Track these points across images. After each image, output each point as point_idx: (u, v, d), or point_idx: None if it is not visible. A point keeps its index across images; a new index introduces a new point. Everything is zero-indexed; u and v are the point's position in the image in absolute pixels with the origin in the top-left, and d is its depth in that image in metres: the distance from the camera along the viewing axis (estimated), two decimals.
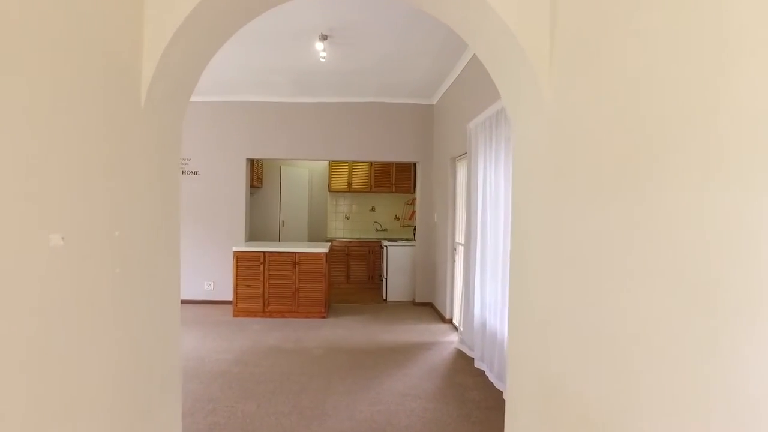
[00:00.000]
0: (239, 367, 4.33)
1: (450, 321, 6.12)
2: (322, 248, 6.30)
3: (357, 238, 8.99)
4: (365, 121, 7.21)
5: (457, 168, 6.05)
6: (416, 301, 7.28)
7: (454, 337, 5.46)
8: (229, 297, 6.78)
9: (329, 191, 9.20)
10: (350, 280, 8.73)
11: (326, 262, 6.27)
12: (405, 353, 4.87)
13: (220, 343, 5.03)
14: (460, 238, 5.94)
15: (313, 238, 9.30)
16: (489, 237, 4.13)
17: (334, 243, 8.59)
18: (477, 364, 4.35)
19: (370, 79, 6.10)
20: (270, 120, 7.14)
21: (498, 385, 3.81)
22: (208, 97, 7.02)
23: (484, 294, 4.27)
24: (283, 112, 7.14)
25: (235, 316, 6.22)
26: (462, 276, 5.66)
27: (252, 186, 7.72)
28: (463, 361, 4.63)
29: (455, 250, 6.05)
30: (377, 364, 4.50)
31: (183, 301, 6.61)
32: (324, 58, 4.84)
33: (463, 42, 4.74)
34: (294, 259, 6.21)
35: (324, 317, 6.25)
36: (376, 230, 9.41)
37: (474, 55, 4.88)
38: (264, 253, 6.20)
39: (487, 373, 4.11)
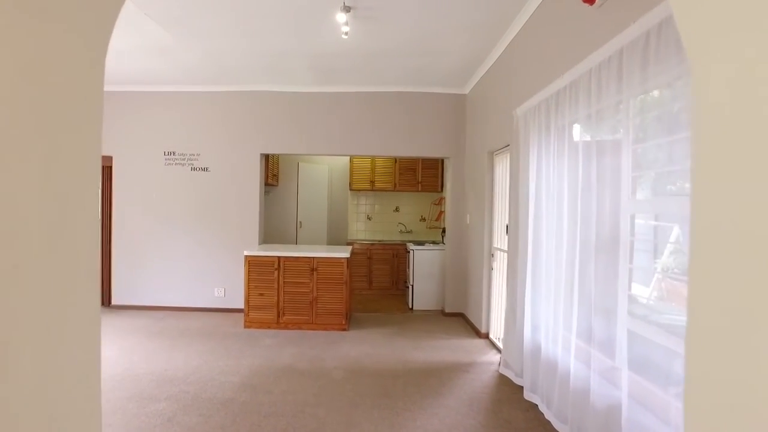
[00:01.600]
0: (246, 394, 3.70)
1: (486, 336, 5.42)
2: (343, 253, 5.66)
3: (380, 241, 8.33)
4: (390, 112, 6.55)
5: (495, 164, 5.35)
6: (446, 311, 6.59)
7: (493, 357, 4.77)
8: (241, 304, 6.20)
9: (350, 190, 8.56)
10: (372, 285, 8.08)
11: (347, 268, 5.62)
12: (439, 376, 4.19)
13: (227, 362, 4.42)
14: (498, 242, 5.25)
15: (332, 241, 8.67)
16: (545, 245, 3.43)
17: (355, 245, 7.95)
18: (527, 396, 3.64)
19: (397, 63, 5.44)
20: (286, 112, 6.52)
21: (559, 427, 3.11)
22: (216, 86, 6.44)
23: (537, 313, 3.57)
24: (300, 103, 6.52)
25: (246, 327, 5.62)
26: (504, 287, 4.97)
27: (267, 184, 7.13)
28: (508, 389, 3.93)
29: (492, 256, 5.35)
30: (408, 392, 3.83)
31: (192, 309, 6.06)
32: (346, 34, 4.18)
33: (509, 14, 4.05)
34: (312, 264, 5.58)
35: (344, 330, 5.61)
36: (400, 232, 8.74)
37: (521, 30, 4.18)
38: (278, 257, 5.58)
39: (542, 408, 3.41)
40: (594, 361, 2.66)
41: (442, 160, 8.32)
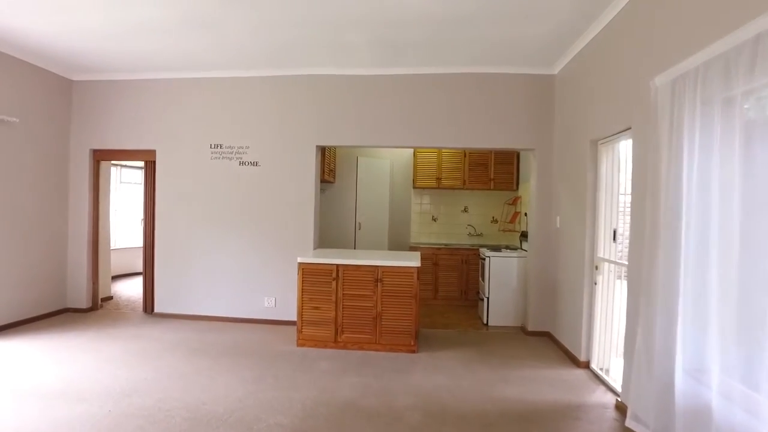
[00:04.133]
0: None
1: (586, 365, 4.43)
2: (413, 261, 4.80)
3: (446, 245, 7.43)
4: (463, 98, 5.64)
5: (600, 155, 4.35)
6: (528, 329, 5.62)
7: (604, 397, 3.78)
8: (293, 316, 5.52)
9: (413, 188, 7.70)
10: (438, 295, 7.20)
11: (418, 279, 4.77)
12: (543, 425, 3.26)
13: (276, 394, 3.65)
14: (603, 251, 4.25)
15: (393, 245, 7.83)
16: (712, 260, 2.44)
17: (419, 250, 7.09)
18: None
19: (475, 34, 4.53)
20: (345, 98, 5.73)
21: None
22: (267, 70, 5.73)
23: (699, 352, 2.58)
24: (360, 87, 5.71)
25: (299, 345, 4.86)
26: (615, 307, 3.98)
27: (323, 180, 6.37)
28: None
29: (596, 268, 4.35)
30: None
31: (239, 320, 5.33)
32: None
33: None
34: (376, 274, 4.75)
35: (413, 351, 4.76)
36: (469, 235, 7.81)
37: None
38: (337, 266, 4.78)
39: None
40: None
41: (518, 154, 7.35)
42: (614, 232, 4.18)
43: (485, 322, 6.07)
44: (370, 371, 4.23)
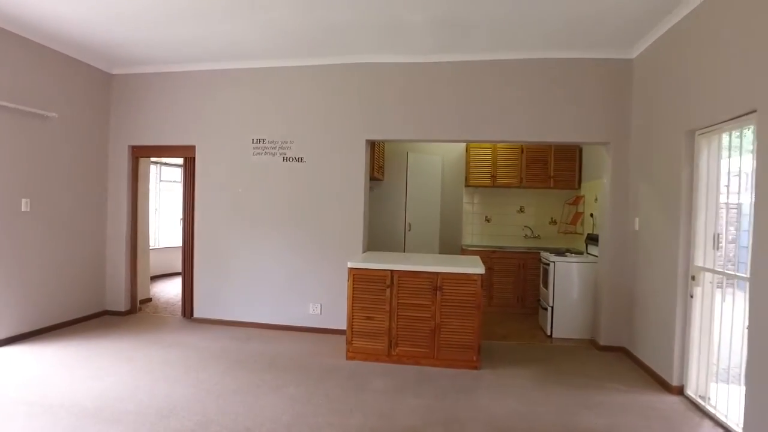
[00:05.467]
0: None
1: (680, 392, 3.83)
2: (476, 267, 4.30)
3: (501, 247, 6.88)
4: (528, 86, 5.11)
5: (699, 148, 3.74)
6: (601, 343, 5.03)
7: None
8: (340, 325, 5.10)
9: (466, 186, 7.18)
10: (493, 302, 6.66)
11: (482, 287, 4.26)
12: None
13: (328, 419, 3.21)
14: (703, 259, 3.65)
15: (444, 247, 7.32)
16: None
17: (471, 252, 6.58)
18: None
19: (551, 11, 3.99)
20: (398, 89, 5.27)
21: None
22: (314, 58, 5.33)
23: None
24: (415, 77, 5.24)
25: (349, 359, 4.43)
26: (718, 326, 3.36)
27: (371, 177, 5.92)
28: None
29: (693, 278, 3.74)
30: None
31: (283, 328, 4.84)
32: None
33: None
34: (435, 281, 4.27)
35: (475, 368, 4.26)
36: (525, 237, 7.24)
37: None
38: (392, 271, 4.33)
39: None
40: None
41: (580, 149, 6.74)
42: (716, 237, 3.58)
43: (549, 333, 5.51)
44: (430, 391, 3.75)
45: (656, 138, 4.35)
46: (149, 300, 6.73)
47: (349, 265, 4.41)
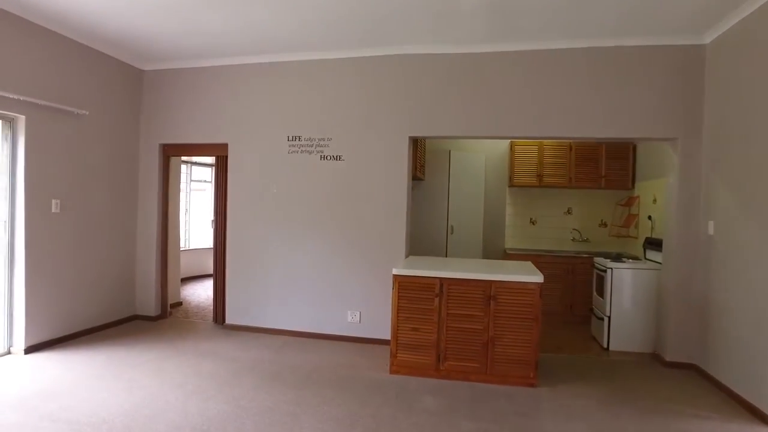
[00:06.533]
0: None
1: None
2: (534, 275, 3.92)
3: (548, 251, 6.47)
4: (584, 77, 4.69)
5: None
6: (667, 358, 4.58)
7: None
8: (380, 334, 4.80)
9: (509, 186, 6.77)
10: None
11: (540, 297, 3.88)
12: None
13: None
14: None
15: (487, 251, 6.92)
16: None
17: (516, 256, 6.18)
18: None
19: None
20: (444, 82, 4.91)
21: None
22: (352, 50, 5.01)
23: None
24: (463, 68, 4.87)
25: (393, 373, 4.09)
26: None
27: (413, 177, 5.57)
28: None
29: None
30: None
31: (318, 336, 4.28)
32: None
33: None
34: (488, 290, 3.90)
35: (533, 385, 3.88)
36: (573, 240, 6.79)
37: None
38: (441, 279, 3.97)
39: None
40: None
41: (634, 147, 6.27)
42: None
43: (605, 345, 5.08)
44: (487, 413, 3.38)
45: (741, 132, 3.88)
46: (180, 304, 6.52)
47: (394, 271, 4.06)
